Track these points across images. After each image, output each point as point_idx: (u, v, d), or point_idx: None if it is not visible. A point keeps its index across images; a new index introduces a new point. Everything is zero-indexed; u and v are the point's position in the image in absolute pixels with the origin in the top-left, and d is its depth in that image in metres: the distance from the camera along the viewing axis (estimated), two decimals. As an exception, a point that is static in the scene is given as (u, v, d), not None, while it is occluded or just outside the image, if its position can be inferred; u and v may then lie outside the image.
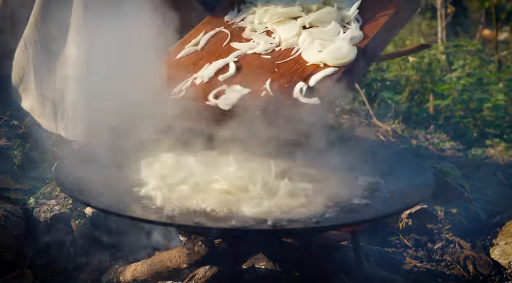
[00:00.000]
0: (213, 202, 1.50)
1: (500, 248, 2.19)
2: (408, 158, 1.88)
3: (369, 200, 1.59)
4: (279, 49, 1.91)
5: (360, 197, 1.63)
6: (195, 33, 2.07)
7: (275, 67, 1.83)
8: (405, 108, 4.61)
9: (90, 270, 1.85)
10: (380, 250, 1.98)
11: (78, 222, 1.97)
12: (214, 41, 2.01)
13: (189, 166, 1.70)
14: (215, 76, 1.81)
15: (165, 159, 1.76)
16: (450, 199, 2.45)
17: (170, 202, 1.52)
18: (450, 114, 4.71)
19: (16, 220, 1.86)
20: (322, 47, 1.84)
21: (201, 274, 1.59)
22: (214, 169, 1.65)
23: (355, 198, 1.62)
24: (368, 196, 1.64)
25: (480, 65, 5.15)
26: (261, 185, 1.55)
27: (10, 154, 2.26)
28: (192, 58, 1.94)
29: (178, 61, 1.94)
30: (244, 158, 1.64)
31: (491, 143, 4.03)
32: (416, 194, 1.57)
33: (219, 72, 1.82)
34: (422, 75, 4.99)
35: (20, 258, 1.83)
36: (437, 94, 4.73)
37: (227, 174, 1.61)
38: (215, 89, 1.74)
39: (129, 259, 1.91)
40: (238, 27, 2.06)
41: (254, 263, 1.77)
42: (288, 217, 1.46)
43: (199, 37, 2.02)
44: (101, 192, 1.51)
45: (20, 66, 2.28)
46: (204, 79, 1.80)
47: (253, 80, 1.76)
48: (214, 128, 1.68)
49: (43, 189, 2.11)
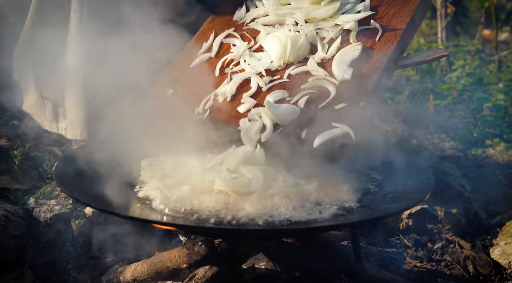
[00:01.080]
0: (213, 202, 1.50)
1: (500, 248, 2.19)
2: (408, 158, 1.88)
3: (369, 200, 1.58)
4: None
5: (359, 197, 1.63)
6: (203, 36, 2.02)
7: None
8: (405, 108, 4.61)
9: (90, 270, 1.85)
10: (380, 250, 1.97)
11: (78, 222, 1.97)
12: (227, 47, 1.96)
13: (190, 166, 1.70)
14: (237, 93, 1.77)
15: (165, 159, 1.75)
16: (450, 199, 2.45)
17: (169, 202, 1.52)
18: (450, 114, 4.71)
19: (16, 220, 1.86)
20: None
21: (201, 274, 1.59)
22: (214, 169, 1.64)
23: (354, 198, 1.62)
24: (368, 196, 1.64)
25: (480, 65, 5.15)
26: (261, 186, 1.55)
27: (10, 154, 2.26)
28: (207, 66, 1.90)
29: (193, 71, 1.90)
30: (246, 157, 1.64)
31: (491, 143, 4.03)
32: (416, 194, 1.57)
33: (240, 88, 1.78)
34: (422, 75, 4.99)
35: (20, 258, 1.83)
36: (437, 94, 4.73)
37: (228, 174, 1.60)
38: (242, 109, 1.71)
39: (129, 259, 1.91)
40: (249, 29, 1.99)
41: (254, 263, 1.77)
42: (288, 217, 1.46)
43: (210, 42, 1.97)
44: (101, 192, 1.51)
45: (19, 67, 2.28)
46: (227, 97, 1.76)
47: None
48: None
49: (43, 189, 2.11)
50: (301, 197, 1.55)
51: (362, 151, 1.89)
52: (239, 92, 1.77)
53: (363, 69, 1.74)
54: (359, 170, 1.83)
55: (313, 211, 1.50)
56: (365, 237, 2.27)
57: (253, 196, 1.50)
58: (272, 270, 1.72)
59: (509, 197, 2.94)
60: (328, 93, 1.68)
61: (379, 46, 1.80)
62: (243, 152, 1.59)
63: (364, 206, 1.57)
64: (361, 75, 1.72)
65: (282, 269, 1.73)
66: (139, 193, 1.61)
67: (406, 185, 1.66)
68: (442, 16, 5.39)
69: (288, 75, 1.78)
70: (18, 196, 2.06)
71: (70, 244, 1.92)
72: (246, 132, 1.61)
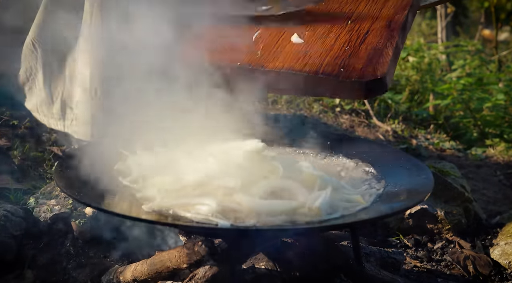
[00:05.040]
0: (213, 202, 1.50)
1: (500, 248, 2.19)
2: (408, 158, 1.88)
3: (369, 200, 1.58)
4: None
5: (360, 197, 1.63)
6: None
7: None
8: (405, 108, 4.62)
9: (90, 270, 1.85)
10: (380, 250, 1.97)
11: (78, 222, 1.97)
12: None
13: (190, 165, 1.70)
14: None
15: (165, 159, 1.75)
16: (450, 199, 2.45)
17: (170, 202, 1.52)
18: (450, 114, 4.72)
19: (16, 220, 1.86)
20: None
21: (201, 274, 1.58)
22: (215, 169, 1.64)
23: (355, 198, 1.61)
24: (367, 196, 1.64)
25: (480, 65, 5.16)
26: (262, 185, 1.54)
27: (10, 154, 2.26)
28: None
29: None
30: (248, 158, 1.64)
31: (491, 143, 4.03)
32: (416, 194, 1.57)
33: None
34: (422, 75, 5.00)
35: (20, 258, 1.83)
36: (437, 94, 4.73)
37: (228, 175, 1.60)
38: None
39: (129, 259, 1.91)
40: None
41: (254, 263, 1.77)
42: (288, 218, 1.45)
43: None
44: (101, 192, 1.50)
45: (28, 65, 2.28)
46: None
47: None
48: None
49: (43, 189, 2.11)
50: (301, 197, 1.55)
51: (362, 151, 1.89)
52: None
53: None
54: (359, 170, 1.83)
55: (313, 212, 1.50)
56: (365, 237, 2.27)
57: (253, 195, 1.50)
58: (272, 270, 1.72)
59: (509, 197, 2.95)
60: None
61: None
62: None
63: (364, 206, 1.57)
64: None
65: (282, 269, 1.73)
66: (140, 192, 1.61)
67: (406, 185, 1.66)
68: (442, 16, 5.40)
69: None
70: (18, 196, 2.06)
71: (70, 244, 1.92)
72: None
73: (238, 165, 1.56)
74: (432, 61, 5.19)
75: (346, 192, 1.59)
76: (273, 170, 1.58)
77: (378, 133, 3.85)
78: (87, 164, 1.61)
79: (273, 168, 1.58)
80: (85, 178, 1.54)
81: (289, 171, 1.59)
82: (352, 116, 4.05)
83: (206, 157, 1.62)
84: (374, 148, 1.97)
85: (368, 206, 1.54)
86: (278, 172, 1.56)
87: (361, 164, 1.86)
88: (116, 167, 1.70)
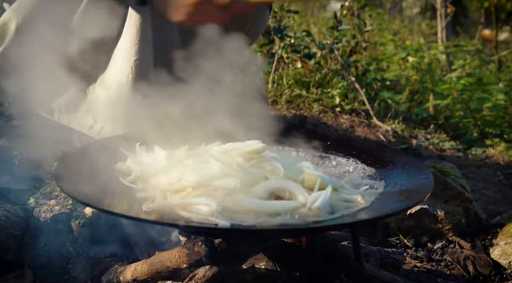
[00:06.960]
0: (213, 202, 1.50)
1: (500, 248, 2.19)
2: (408, 158, 1.87)
3: (369, 200, 1.58)
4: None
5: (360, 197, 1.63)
6: None
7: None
8: (405, 108, 4.62)
9: (90, 270, 1.85)
10: (380, 250, 1.97)
11: (78, 222, 1.97)
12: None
13: (191, 165, 1.70)
14: None
15: (165, 159, 1.75)
16: (450, 199, 2.45)
17: (170, 202, 1.52)
18: (450, 114, 4.72)
19: (16, 220, 1.86)
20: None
21: (201, 274, 1.58)
22: (215, 170, 1.64)
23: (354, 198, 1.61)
24: (367, 196, 1.64)
25: (480, 65, 5.16)
26: (262, 186, 1.55)
27: (10, 154, 2.26)
28: None
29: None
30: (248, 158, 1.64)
31: (491, 143, 4.03)
32: (416, 194, 1.57)
33: None
34: (422, 75, 5.00)
35: (20, 258, 1.83)
36: (437, 94, 4.73)
37: (228, 175, 1.60)
38: None
39: (129, 259, 1.91)
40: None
41: (254, 263, 1.77)
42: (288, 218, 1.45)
43: None
44: (101, 192, 1.50)
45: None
46: None
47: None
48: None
49: (43, 189, 2.11)
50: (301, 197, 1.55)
51: (362, 151, 1.89)
52: None
53: None
54: (359, 170, 1.83)
55: (313, 212, 1.50)
56: (365, 237, 2.27)
57: (253, 195, 1.50)
58: (272, 270, 1.72)
59: (509, 197, 2.95)
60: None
61: None
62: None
63: (364, 206, 1.57)
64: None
65: (282, 269, 1.73)
66: (140, 192, 1.61)
67: (406, 185, 1.66)
68: (442, 16, 5.40)
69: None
70: (18, 196, 2.06)
71: (70, 244, 1.92)
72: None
73: (238, 165, 1.56)
74: (432, 61, 5.19)
75: (346, 192, 1.59)
76: (274, 170, 1.58)
77: (378, 133, 3.85)
78: (87, 164, 1.61)
79: (273, 168, 1.58)
80: (85, 178, 1.54)
81: (289, 171, 1.59)
82: (352, 116, 4.05)
83: (206, 157, 1.62)
84: (374, 148, 1.97)
85: (368, 206, 1.54)
86: (278, 172, 1.56)
87: (361, 164, 1.86)
88: (116, 166, 1.70)
